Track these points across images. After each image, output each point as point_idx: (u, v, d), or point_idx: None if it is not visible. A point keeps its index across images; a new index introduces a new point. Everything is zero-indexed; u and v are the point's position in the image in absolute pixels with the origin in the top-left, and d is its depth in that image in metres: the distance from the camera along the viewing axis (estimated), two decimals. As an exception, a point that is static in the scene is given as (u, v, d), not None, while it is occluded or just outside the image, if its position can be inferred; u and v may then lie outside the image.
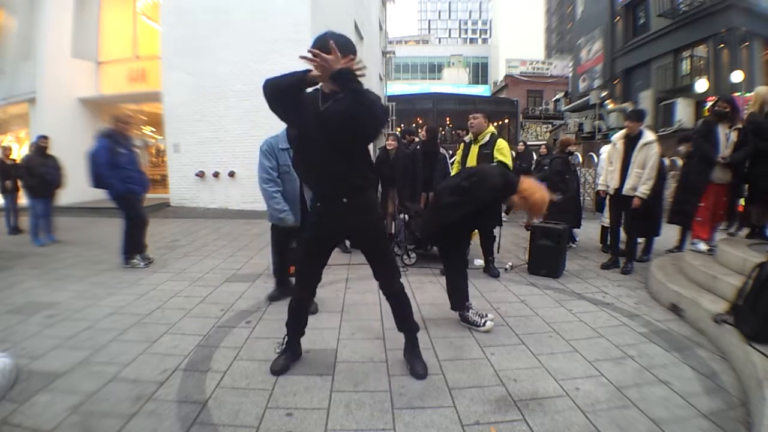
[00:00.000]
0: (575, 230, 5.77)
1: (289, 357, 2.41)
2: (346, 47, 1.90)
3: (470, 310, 2.98)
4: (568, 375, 2.33)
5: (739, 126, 4.14)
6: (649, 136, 4.24)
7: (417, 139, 5.77)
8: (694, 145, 4.33)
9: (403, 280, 4.19)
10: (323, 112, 1.99)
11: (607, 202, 4.77)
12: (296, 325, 2.39)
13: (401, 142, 5.80)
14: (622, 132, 4.42)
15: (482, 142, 4.25)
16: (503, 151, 4.14)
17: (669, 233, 5.59)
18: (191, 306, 3.43)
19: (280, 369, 2.33)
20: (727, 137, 4.10)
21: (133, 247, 4.56)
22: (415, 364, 2.32)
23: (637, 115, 4.35)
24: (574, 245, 5.65)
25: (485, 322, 2.91)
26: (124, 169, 4.32)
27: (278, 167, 3.13)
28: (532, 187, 2.65)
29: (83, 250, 5.54)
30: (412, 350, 2.38)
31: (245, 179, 8.79)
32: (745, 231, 4.33)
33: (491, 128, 4.40)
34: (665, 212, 5.03)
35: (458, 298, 3.00)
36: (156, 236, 6.53)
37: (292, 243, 3.48)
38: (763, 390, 1.90)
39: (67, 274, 4.38)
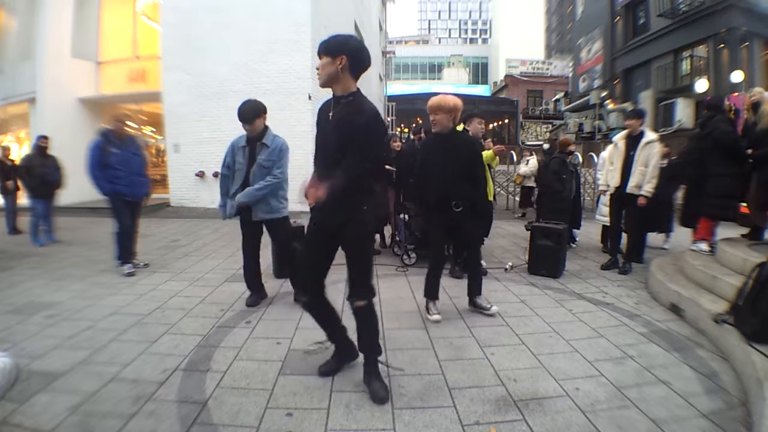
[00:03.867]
0: (575, 231, 5.77)
1: (337, 358, 2.36)
2: (339, 47, 2.02)
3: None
4: (568, 375, 2.33)
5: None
6: (650, 135, 4.28)
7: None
8: (728, 144, 4.01)
9: (402, 279, 4.21)
10: (331, 119, 2.09)
11: (608, 201, 4.76)
12: (322, 325, 2.32)
13: (411, 141, 5.82)
14: (624, 132, 4.45)
15: None
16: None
17: (675, 234, 5.60)
18: (191, 306, 3.43)
19: (327, 371, 2.32)
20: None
21: (122, 253, 4.40)
22: (375, 387, 2.10)
23: (638, 114, 4.38)
24: (574, 245, 5.65)
25: (491, 307, 3.23)
26: (113, 169, 4.21)
27: (234, 163, 3.31)
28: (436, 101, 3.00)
29: (83, 250, 5.54)
30: (371, 372, 2.17)
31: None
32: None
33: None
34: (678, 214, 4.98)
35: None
36: (156, 236, 6.53)
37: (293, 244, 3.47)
38: (763, 390, 1.90)
39: (67, 274, 4.38)
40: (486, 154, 4.08)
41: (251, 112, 3.20)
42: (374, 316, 2.19)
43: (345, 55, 2.00)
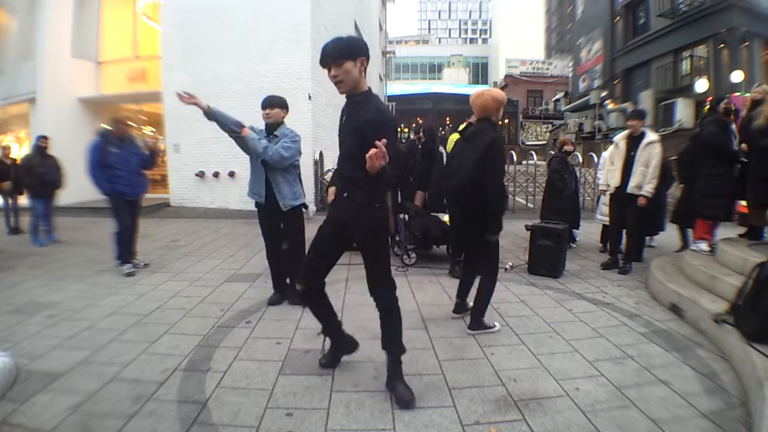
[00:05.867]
0: (575, 231, 5.77)
1: (333, 350, 2.42)
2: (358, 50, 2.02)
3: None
4: (568, 375, 2.33)
5: (736, 126, 4.17)
6: (652, 135, 4.30)
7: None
8: (713, 145, 4.11)
9: (402, 279, 4.22)
10: (345, 120, 2.14)
11: (607, 201, 4.78)
12: (318, 317, 2.32)
13: (412, 140, 5.83)
14: (625, 132, 4.47)
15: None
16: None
17: (670, 233, 5.60)
18: (191, 306, 3.43)
19: (328, 362, 2.39)
20: (734, 136, 4.13)
21: (122, 253, 4.40)
22: (399, 390, 2.06)
23: (639, 114, 4.43)
24: (573, 245, 5.65)
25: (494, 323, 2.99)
26: (113, 169, 4.22)
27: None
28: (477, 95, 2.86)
29: (83, 250, 5.54)
30: (394, 374, 2.12)
31: (245, 179, 8.67)
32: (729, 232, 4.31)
33: None
34: (670, 213, 5.06)
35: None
36: (156, 236, 6.53)
37: (284, 244, 3.46)
38: (763, 390, 1.90)
39: (67, 274, 4.38)
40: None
41: (276, 100, 3.29)
42: (396, 311, 2.17)
43: (364, 56, 2.02)
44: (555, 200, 5.36)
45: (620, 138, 4.49)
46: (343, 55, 1.99)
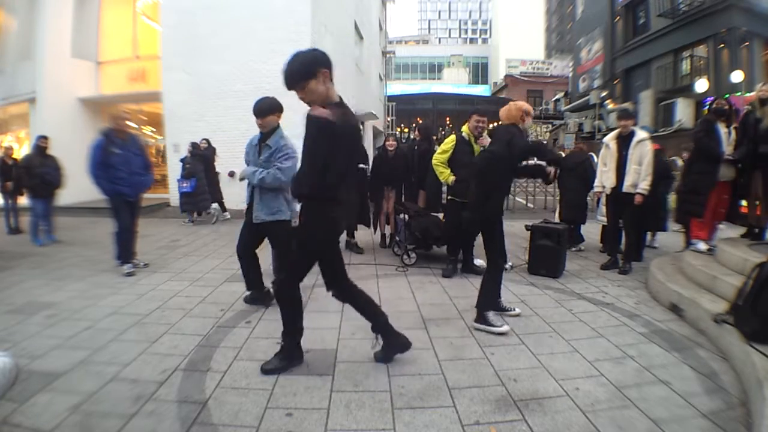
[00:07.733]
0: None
1: (282, 356, 2.41)
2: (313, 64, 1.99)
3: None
4: (568, 375, 2.33)
5: (735, 125, 4.17)
6: (641, 133, 4.35)
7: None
8: (698, 144, 4.28)
9: (402, 279, 4.22)
10: None
11: (604, 202, 4.80)
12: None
13: (412, 141, 5.86)
14: (615, 132, 4.50)
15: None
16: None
17: (669, 234, 5.60)
18: (191, 306, 3.43)
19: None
20: (728, 135, 4.13)
21: (122, 253, 4.40)
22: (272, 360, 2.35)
23: (629, 114, 4.50)
24: (582, 248, 5.59)
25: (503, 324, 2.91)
26: (115, 170, 4.21)
27: (249, 162, 3.41)
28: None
29: (83, 250, 5.54)
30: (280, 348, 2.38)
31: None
32: (740, 230, 4.33)
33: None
34: (670, 211, 5.10)
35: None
36: (156, 236, 6.53)
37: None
38: (763, 390, 1.90)
39: (67, 274, 4.38)
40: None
41: (266, 107, 3.24)
42: (284, 302, 2.33)
43: (325, 67, 1.97)
44: (583, 197, 5.59)
45: (610, 138, 4.52)
46: (302, 77, 1.94)
